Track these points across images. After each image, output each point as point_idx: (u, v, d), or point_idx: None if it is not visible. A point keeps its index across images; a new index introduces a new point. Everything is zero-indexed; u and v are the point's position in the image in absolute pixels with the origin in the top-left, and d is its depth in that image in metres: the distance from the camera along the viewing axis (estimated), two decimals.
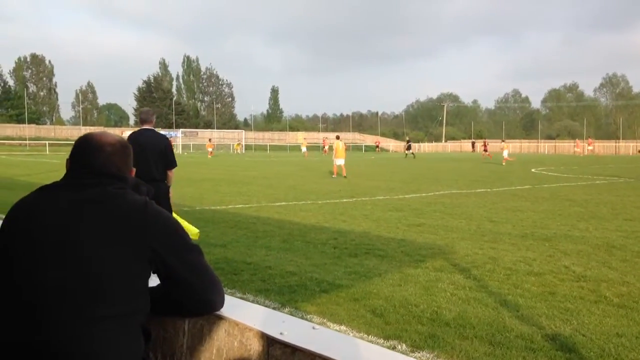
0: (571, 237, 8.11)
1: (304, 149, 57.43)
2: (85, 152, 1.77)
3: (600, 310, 4.68)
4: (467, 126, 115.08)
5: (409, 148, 53.19)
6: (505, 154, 37.67)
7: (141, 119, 6.27)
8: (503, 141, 47.67)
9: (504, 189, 16.46)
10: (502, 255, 6.76)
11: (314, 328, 1.73)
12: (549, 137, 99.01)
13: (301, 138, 73.46)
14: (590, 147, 62.79)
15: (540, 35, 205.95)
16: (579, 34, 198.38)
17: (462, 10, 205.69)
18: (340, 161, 22.16)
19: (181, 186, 16.18)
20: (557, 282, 5.55)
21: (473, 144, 79.58)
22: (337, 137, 23.42)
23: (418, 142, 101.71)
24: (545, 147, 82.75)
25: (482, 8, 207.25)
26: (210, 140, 60.53)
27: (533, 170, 28.09)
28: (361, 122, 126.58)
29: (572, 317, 4.48)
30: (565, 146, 79.58)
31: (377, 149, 77.47)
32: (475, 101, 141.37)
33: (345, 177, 21.26)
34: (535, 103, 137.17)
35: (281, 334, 1.64)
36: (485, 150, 46.50)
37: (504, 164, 35.12)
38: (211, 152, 53.81)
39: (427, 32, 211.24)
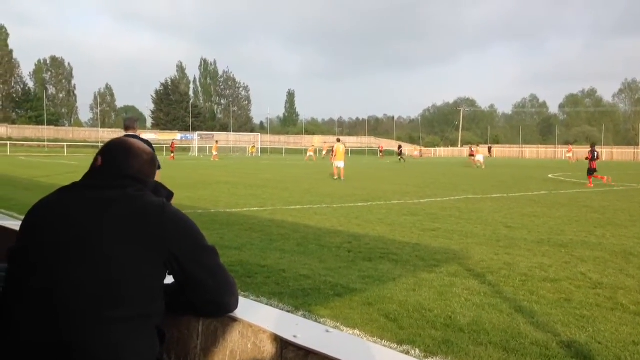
0: (588, 244, 8.03)
1: (310, 153, 56.25)
2: (124, 156, 1.83)
3: (616, 317, 4.63)
4: (484, 131, 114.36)
5: (400, 154, 55.42)
6: (480, 158, 40.53)
7: (126, 126, 7.15)
8: (478, 145, 49.43)
9: (520, 195, 16.34)
10: (518, 261, 6.71)
11: (327, 331, 1.74)
12: (567, 143, 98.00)
13: (319, 141, 72.63)
14: (570, 154, 62.04)
15: (559, 40, 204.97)
16: (599, 39, 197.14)
17: (482, 15, 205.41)
18: (339, 164, 22.50)
19: (197, 189, 16.28)
20: (573, 289, 5.50)
21: (490, 149, 78.96)
22: (338, 140, 23.95)
23: (435, 146, 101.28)
24: (562, 152, 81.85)
25: (503, 14, 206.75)
26: (217, 142, 58.35)
27: (550, 176, 27.85)
28: (377, 127, 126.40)
29: (588, 324, 4.44)
30: (583, 152, 78.64)
31: (380, 153, 75.69)
32: (492, 106, 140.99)
33: (342, 179, 21.54)
34: (553, 108, 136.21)
35: (295, 336, 1.65)
36: (472, 155, 46.00)
37: (475, 167, 38.03)
38: (215, 156, 51.02)
39: (445, 37, 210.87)
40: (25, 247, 1.67)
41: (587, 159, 22.34)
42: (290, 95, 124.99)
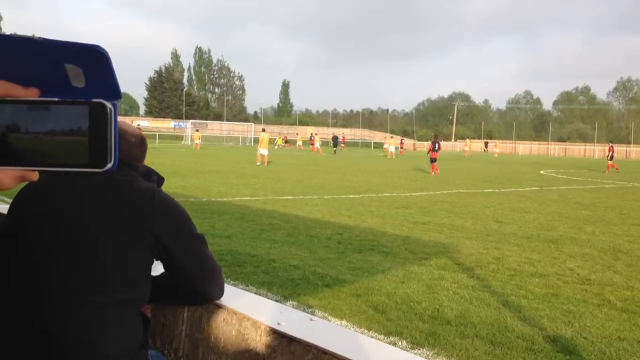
0: (577, 240, 8.07)
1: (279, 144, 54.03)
2: None
3: (603, 313, 4.67)
4: (478, 126, 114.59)
5: (335, 145, 50.18)
6: (391, 149, 43.45)
7: None
8: (392, 137, 51.81)
9: (511, 190, 16.41)
10: (507, 256, 6.74)
11: (311, 319, 1.74)
12: (560, 140, 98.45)
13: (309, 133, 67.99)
14: (497, 150, 62.33)
15: (555, 37, 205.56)
16: (594, 36, 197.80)
17: (480, 9, 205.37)
18: (264, 151, 25.80)
19: (189, 177, 16.24)
20: (561, 284, 5.54)
21: (486, 143, 78.98)
22: (263, 130, 28.39)
23: (428, 140, 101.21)
24: (555, 149, 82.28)
25: (500, 7, 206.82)
26: (197, 130, 55.15)
27: (542, 172, 27.96)
28: (371, 119, 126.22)
29: (575, 319, 4.47)
30: (576, 149, 79.10)
31: (342, 145, 61.49)
32: (486, 101, 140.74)
33: (266, 165, 24.62)
34: (547, 105, 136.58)
35: (279, 324, 1.65)
36: (401, 148, 50.02)
37: (388, 157, 41.23)
38: (198, 144, 48.86)
39: (442, 30, 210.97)
40: (13, 226, 1.66)
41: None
42: (285, 86, 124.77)
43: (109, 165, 0.54)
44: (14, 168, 0.54)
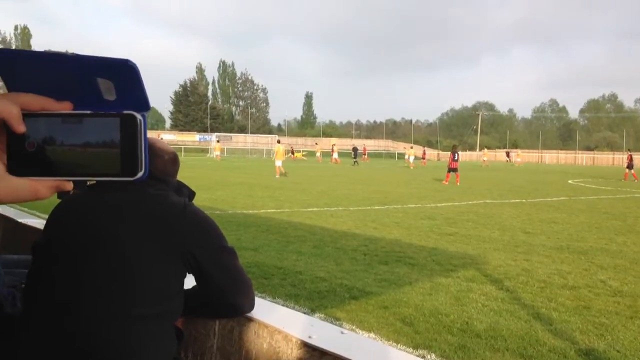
0: (608, 251, 7.92)
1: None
2: None
3: (636, 326, 4.57)
4: (503, 135, 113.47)
5: (355, 156, 48.63)
6: (411, 159, 44.23)
7: None
8: (411, 147, 54.46)
9: (539, 200, 16.18)
10: (536, 268, 6.64)
11: (342, 333, 1.74)
12: (587, 148, 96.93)
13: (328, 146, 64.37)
14: (519, 159, 63.14)
15: (581, 44, 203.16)
16: (621, 43, 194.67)
17: (504, 19, 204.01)
18: (278, 162, 26.04)
19: (215, 190, 16.36)
20: (593, 297, 5.44)
21: (507, 153, 78.18)
22: (278, 142, 28.28)
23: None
24: (583, 158, 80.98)
25: (526, 17, 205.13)
26: (218, 141, 55.24)
27: (570, 181, 27.54)
28: (395, 130, 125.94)
29: (607, 332, 4.38)
30: (604, 158, 77.83)
31: (363, 156, 60.84)
32: (511, 110, 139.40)
33: (279, 176, 24.68)
34: (573, 113, 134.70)
35: (310, 337, 1.65)
36: (423, 158, 52.42)
37: (411, 167, 41.68)
38: (217, 156, 49.27)
39: (466, 40, 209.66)
40: (49, 241, 1.70)
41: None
42: (308, 98, 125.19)
43: (140, 174, 0.56)
44: (50, 179, 0.56)
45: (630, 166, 29.95)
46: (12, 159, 0.55)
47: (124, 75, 0.55)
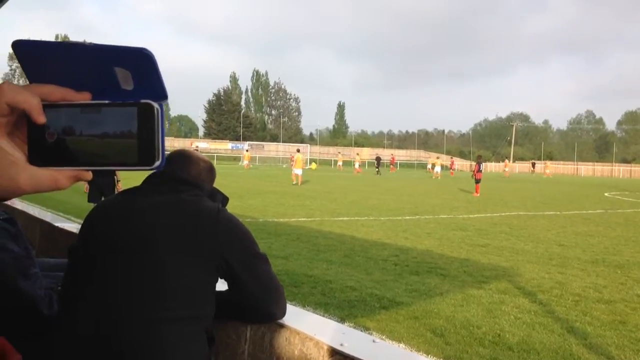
0: None
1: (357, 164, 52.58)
2: (182, 162, 1.90)
3: None
4: (537, 147, 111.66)
5: (378, 165, 49.06)
6: (437, 169, 44.17)
7: None
8: (437, 157, 53.73)
9: (574, 213, 15.87)
10: (571, 281, 6.52)
11: (374, 341, 1.74)
12: (624, 161, 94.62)
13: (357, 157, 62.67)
14: (548, 171, 61.29)
15: (618, 55, 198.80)
16: None
17: (540, 29, 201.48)
18: (298, 171, 26.31)
19: (246, 198, 16.49)
20: (629, 311, 5.31)
21: (533, 164, 76.78)
22: (298, 150, 28.85)
23: (485, 161, 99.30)
24: (620, 171, 79.00)
25: (561, 27, 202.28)
26: (247, 150, 56.18)
27: (606, 194, 26.95)
28: (427, 140, 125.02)
29: None
30: None
31: (391, 166, 62.91)
32: (546, 121, 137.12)
33: (299, 184, 24.95)
34: (610, 125, 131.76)
35: (341, 345, 1.66)
36: (452, 168, 52.93)
37: (434, 177, 41.98)
38: (246, 165, 50.03)
39: (500, 50, 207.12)
40: (85, 245, 1.74)
41: None
42: (341, 107, 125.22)
43: (157, 163, 0.57)
44: (70, 168, 0.57)
45: None
46: (32, 149, 0.56)
47: (140, 64, 0.55)
